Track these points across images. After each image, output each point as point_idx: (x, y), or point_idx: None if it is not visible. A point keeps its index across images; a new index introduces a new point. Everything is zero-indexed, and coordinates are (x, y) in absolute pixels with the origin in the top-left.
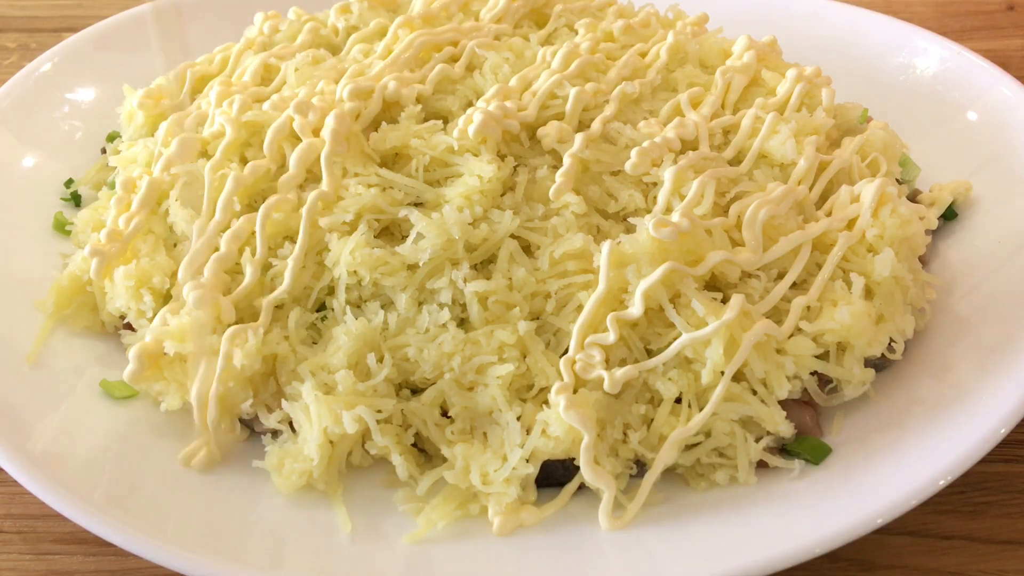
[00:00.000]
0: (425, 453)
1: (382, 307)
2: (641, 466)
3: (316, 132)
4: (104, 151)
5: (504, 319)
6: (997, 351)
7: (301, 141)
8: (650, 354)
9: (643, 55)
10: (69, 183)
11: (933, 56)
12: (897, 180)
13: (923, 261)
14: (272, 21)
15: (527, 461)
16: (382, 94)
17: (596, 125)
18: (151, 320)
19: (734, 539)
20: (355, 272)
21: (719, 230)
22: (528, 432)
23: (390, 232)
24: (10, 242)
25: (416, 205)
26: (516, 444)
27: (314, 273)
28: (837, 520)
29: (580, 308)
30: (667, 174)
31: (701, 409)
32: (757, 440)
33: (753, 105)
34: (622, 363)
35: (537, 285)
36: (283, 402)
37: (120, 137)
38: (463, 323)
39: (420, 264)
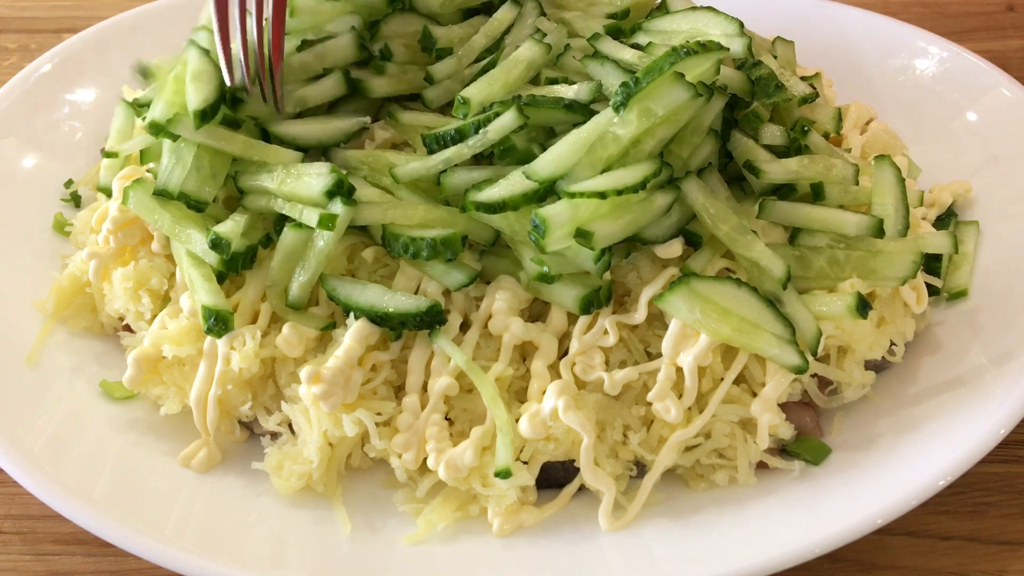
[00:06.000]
0: None
1: None
2: (641, 467)
3: None
4: (104, 152)
5: None
6: (997, 352)
7: None
8: (650, 356)
9: None
10: (69, 184)
11: (933, 57)
12: None
13: None
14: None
15: (527, 463)
16: None
17: None
18: (150, 322)
19: (734, 540)
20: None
21: None
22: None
23: None
24: (10, 242)
25: None
26: None
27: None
28: (837, 520)
29: None
30: None
31: (701, 411)
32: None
33: None
34: (622, 365)
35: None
36: (282, 404)
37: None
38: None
39: None
